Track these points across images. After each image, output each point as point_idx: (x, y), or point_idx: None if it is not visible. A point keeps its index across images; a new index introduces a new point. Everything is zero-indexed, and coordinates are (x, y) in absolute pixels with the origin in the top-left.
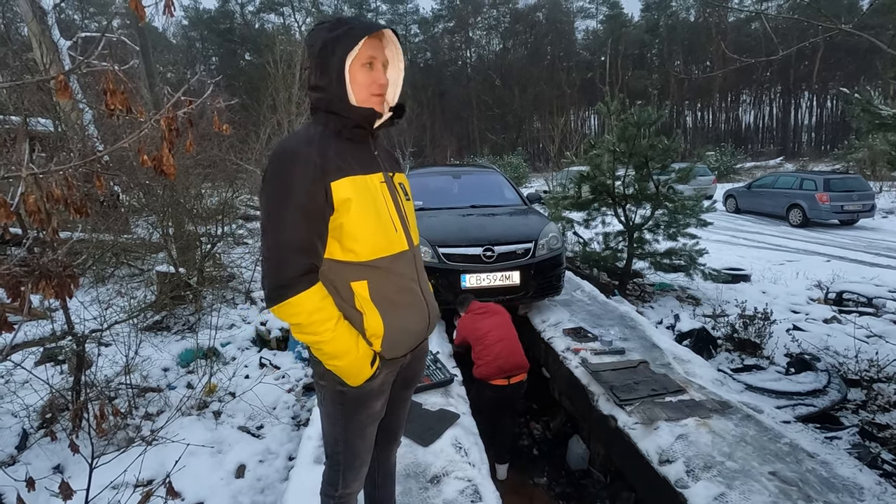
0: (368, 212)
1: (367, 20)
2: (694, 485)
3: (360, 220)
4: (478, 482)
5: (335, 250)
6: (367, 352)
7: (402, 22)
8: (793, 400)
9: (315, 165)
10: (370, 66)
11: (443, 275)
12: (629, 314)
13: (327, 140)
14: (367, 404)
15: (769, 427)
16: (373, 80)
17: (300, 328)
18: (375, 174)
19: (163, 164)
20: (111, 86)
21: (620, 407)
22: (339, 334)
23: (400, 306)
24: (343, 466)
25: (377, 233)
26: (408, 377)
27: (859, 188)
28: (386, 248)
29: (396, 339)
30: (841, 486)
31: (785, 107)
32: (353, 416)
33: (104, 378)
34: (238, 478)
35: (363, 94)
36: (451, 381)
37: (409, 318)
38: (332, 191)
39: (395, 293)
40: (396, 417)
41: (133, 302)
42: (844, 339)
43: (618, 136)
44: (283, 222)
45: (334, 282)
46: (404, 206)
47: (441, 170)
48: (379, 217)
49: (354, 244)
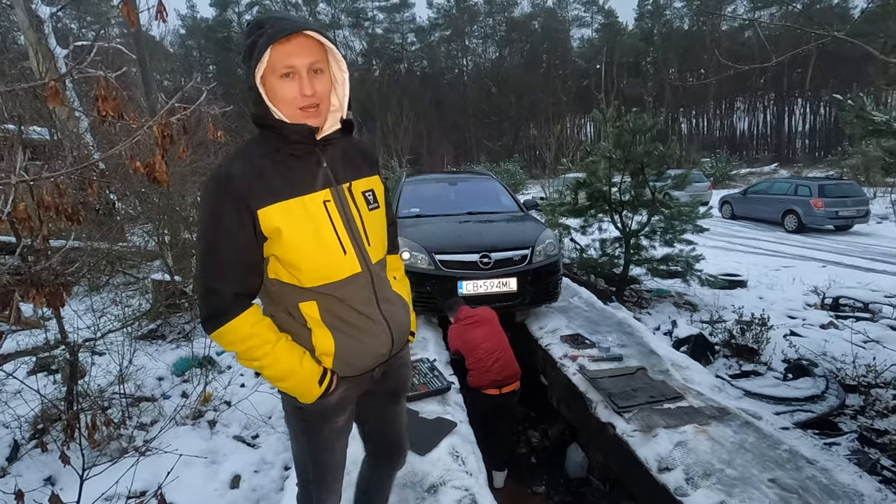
0: (305, 238)
1: (285, 20)
2: (693, 493)
3: (295, 249)
4: (475, 491)
5: (281, 272)
6: (314, 370)
7: (398, 30)
8: (791, 406)
9: (241, 190)
10: (289, 76)
11: (439, 282)
12: (627, 320)
13: (261, 160)
14: (328, 419)
15: (768, 434)
16: (295, 91)
17: (239, 356)
18: (317, 193)
19: (155, 171)
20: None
21: (619, 414)
22: (278, 357)
23: (354, 328)
24: (314, 485)
25: (318, 259)
26: (392, 390)
27: (853, 194)
28: (331, 273)
29: (351, 359)
30: (841, 492)
31: (779, 114)
32: (316, 431)
33: (97, 388)
34: (233, 488)
35: (289, 109)
36: (447, 388)
37: (365, 339)
38: (258, 219)
39: (348, 315)
40: (394, 432)
41: (128, 310)
42: (842, 345)
43: (614, 142)
44: (210, 250)
45: (283, 302)
46: (363, 219)
47: (437, 177)
48: (320, 241)
49: (294, 271)
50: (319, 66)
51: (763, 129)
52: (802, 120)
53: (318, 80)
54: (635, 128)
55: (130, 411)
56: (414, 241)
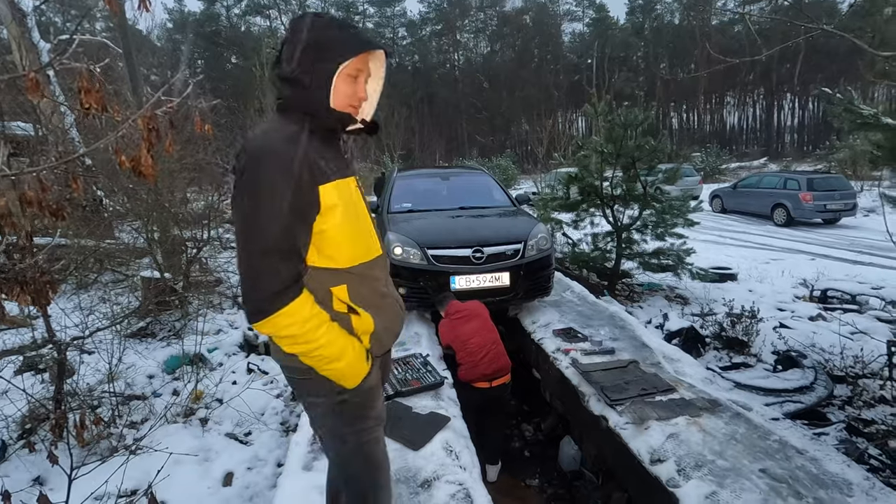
0: (350, 218)
1: (364, 32)
2: (685, 484)
3: (343, 227)
4: (469, 486)
5: (313, 257)
6: (362, 348)
7: (389, 25)
8: (781, 397)
9: (302, 167)
10: (355, 78)
11: (432, 277)
12: (619, 314)
13: (307, 140)
14: (370, 404)
15: (759, 425)
16: (354, 92)
17: (294, 339)
18: (351, 178)
19: (141, 166)
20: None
21: (611, 407)
22: (335, 336)
23: (380, 307)
24: (368, 485)
25: (357, 239)
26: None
27: (841, 187)
28: (365, 253)
29: (383, 337)
30: (830, 482)
31: (768, 108)
32: (361, 422)
33: (87, 386)
34: (226, 486)
35: (342, 102)
36: (441, 383)
37: (391, 318)
38: (320, 195)
39: (373, 296)
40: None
41: (117, 308)
42: (830, 337)
43: (605, 137)
44: (268, 227)
45: (312, 288)
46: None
47: (429, 171)
48: (358, 223)
49: (334, 251)
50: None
51: (753, 123)
52: (791, 115)
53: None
54: (626, 122)
55: (120, 410)
56: (406, 236)
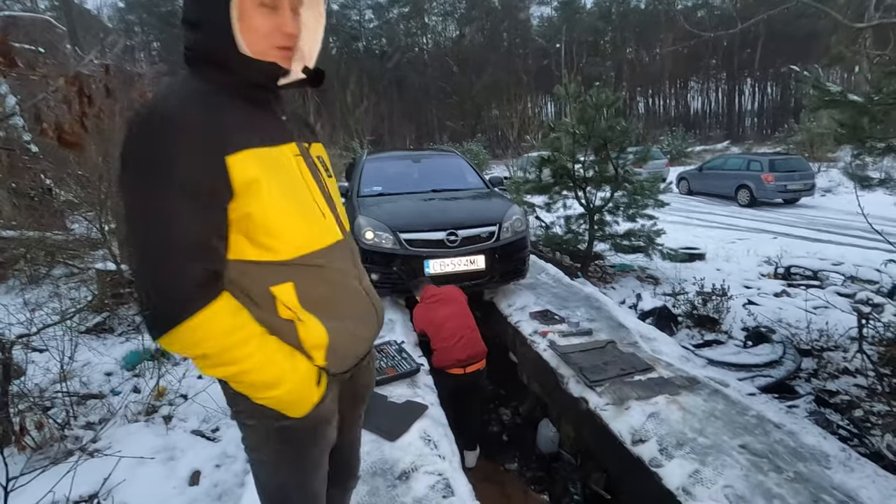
0: (285, 195)
1: None
2: (668, 463)
3: (276, 207)
4: (449, 475)
5: (244, 248)
6: (310, 369)
7: (355, 6)
8: (752, 372)
9: (203, 134)
10: (272, 6)
11: (405, 261)
12: (594, 295)
13: (215, 100)
14: (321, 434)
15: (736, 401)
16: (276, 26)
17: (209, 360)
18: (286, 145)
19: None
20: None
21: (591, 388)
22: (268, 356)
23: (343, 308)
24: None
25: (301, 222)
26: (356, 392)
27: (801, 168)
28: (316, 240)
29: (343, 349)
30: (808, 454)
31: (730, 93)
32: (305, 453)
33: (36, 387)
34: (192, 485)
35: (262, 44)
36: (417, 370)
37: (357, 321)
38: (229, 168)
39: (334, 294)
40: (350, 445)
41: (69, 303)
42: (795, 312)
43: (577, 118)
44: (164, 216)
45: (247, 289)
46: (328, 185)
47: (400, 154)
48: (300, 201)
49: (271, 239)
50: (298, 6)
51: (715, 107)
52: (752, 99)
53: (297, 21)
54: (598, 102)
55: (76, 410)
56: (377, 220)
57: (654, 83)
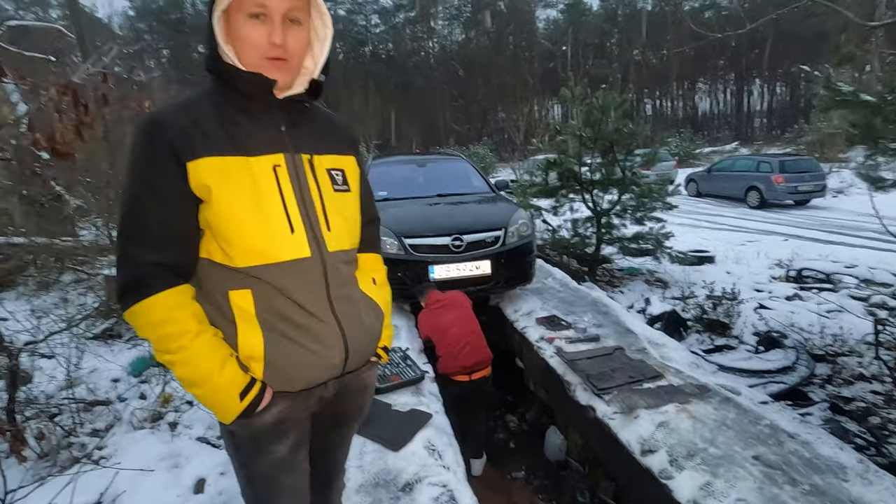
0: (240, 202)
1: None
2: (679, 475)
3: (228, 215)
4: (453, 487)
5: (214, 250)
6: (237, 378)
7: (361, 12)
8: (764, 378)
9: (169, 138)
10: (259, 18)
11: (410, 267)
12: (601, 300)
13: (204, 107)
14: (262, 448)
15: (748, 409)
16: (262, 37)
17: (154, 345)
18: (267, 156)
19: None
20: None
21: (598, 396)
22: (195, 354)
23: (294, 328)
24: None
25: (255, 233)
26: (338, 416)
27: (812, 169)
28: (270, 252)
29: (286, 368)
30: (824, 466)
31: (738, 93)
32: (251, 463)
33: (43, 394)
34: (197, 493)
35: (251, 55)
36: (421, 378)
37: (307, 344)
38: (188, 173)
39: (289, 311)
40: (328, 461)
41: (76, 309)
42: (807, 316)
43: (583, 120)
44: (130, 209)
45: (211, 289)
46: (323, 199)
47: (405, 158)
48: (261, 211)
49: (227, 245)
50: (298, 16)
51: (724, 108)
52: (760, 99)
53: (293, 33)
54: (604, 104)
55: (82, 417)
56: (382, 225)
57: (661, 84)
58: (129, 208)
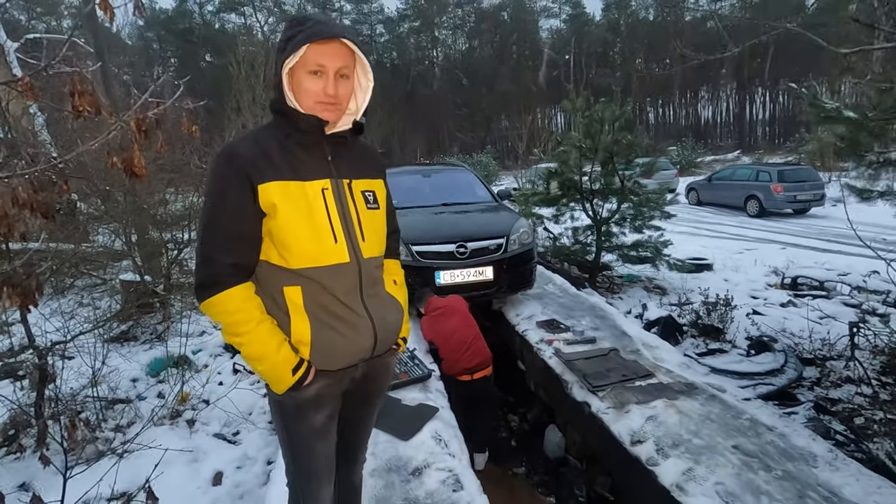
0: (298, 219)
1: (325, 25)
2: (664, 462)
3: (288, 227)
4: (458, 472)
5: (272, 254)
6: (290, 358)
7: (367, 21)
8: (754, 380)
9: (244, 165)
10: (317, 74)
11: (417, 272)
12: (599, 305)
13: (270, 141)
14: (304, 415)
15: (732, 405)
16: (321, 89)
17: (225, 329)
18: (318, 181)
19: (134, 166)
20: (79, 87)
21: (593, 393)
22: (258, 337)
23: (336, 319)
24: (300, 489)
25: (308, 242)
26: (366, 394)
27: (810, 178)
28: (319, 257)
29: (328, 351)
30: (797, 455)
31: (740, 102)
32: (294, 428)
33: (70, 391)
34: (215, 485)
35: (308, 101)
36: (428, 376)
37: (345, 332)
38: (258, 193)
39: (331, 304)
40: (355, 435)
41: (98, 312)
42: (800, 322)
43: (583, 132)
44: (212, 220)
45: (269, 285)
46: (359, 216)
47: (412, 169)
48: (313, 225)
49: (284, 251)
50: (346, 72)
51: (726, 117)
52: (763, 108)
53: (342, 85)
54: (604, 117)
55: (105, 414)
56: None
57: (663, 93)
58: (210, 219)
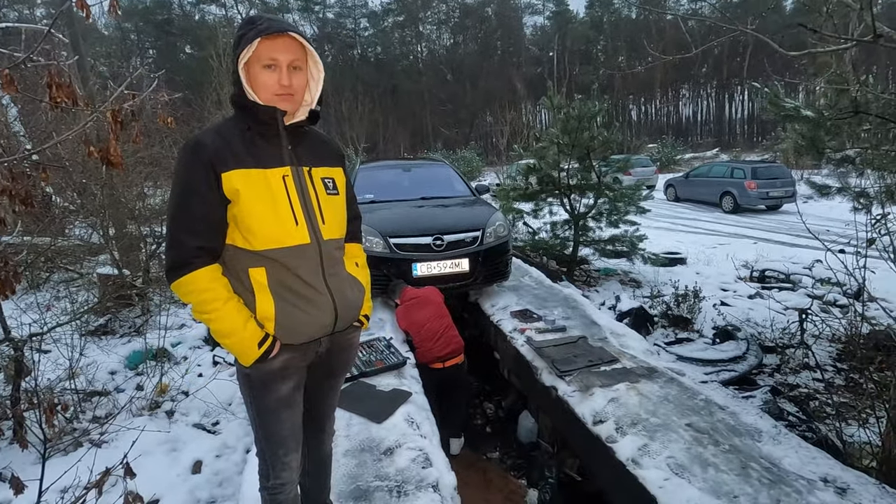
0: (260, 204)
1: (274, 21)
2: (622, 439)
3: (251, 212)
4: (429, 451)
5: (237, 237)
6: (256, 332)
7: (350, 15)
8: (717, 367)
9: (209, 155)
10: (270, 67)
11: (394, 264)
12: (572, 296)
13: (231, 132)
14: (270, 387)
15: (689, 387)
16: (274, 81)
17: (195, 307)
18: (278, 168)
19: (110, 155)
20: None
21: (561, 378)
22: (226, 314)
23: (298, 297)
24: (268, 458)
25: (270, 225)
26: (329, 367)
27: (782, 176)
28: (281, 239)
29: (291, 326)
30: (745, 431)
31: (719, 101)
32: (261, 399)
33: (47, 382)
34: (195, 473)
35: (265, 94)
36: (403, 363)
37: (307, 309)
38: (222, 181)
39: (293, 283)
40: (321, 406)
41: (75, 305)
42: (764, 312)
43: (561, 128)
44: (179, 207)
45: (235, 267)
46: (319, 201)
47: (392, 163)
48: (275, 209)
49: (248, 234)
50: (298, 64)
51: (706, 115)
52: (741, 106)
53: (296, 76)
54: (581, 114)
55: (83, 406)
56: (369, 225)
57: (645, 91)
58: (178, 206)
